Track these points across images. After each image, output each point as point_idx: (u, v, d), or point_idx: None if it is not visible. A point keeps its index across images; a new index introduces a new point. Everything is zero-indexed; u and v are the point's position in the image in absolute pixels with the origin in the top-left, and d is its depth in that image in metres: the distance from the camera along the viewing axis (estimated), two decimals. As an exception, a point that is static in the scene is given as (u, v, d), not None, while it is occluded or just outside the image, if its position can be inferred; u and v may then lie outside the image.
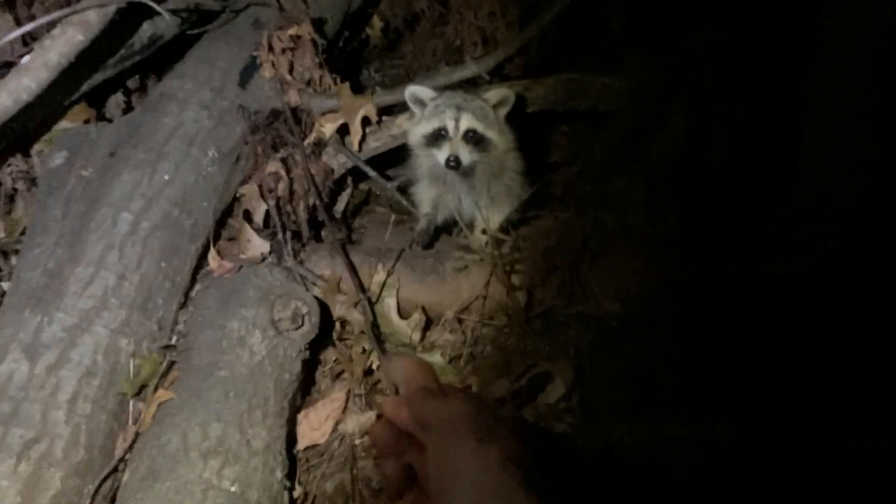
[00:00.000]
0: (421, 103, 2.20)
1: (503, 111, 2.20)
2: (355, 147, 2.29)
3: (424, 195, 2.35)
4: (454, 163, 2.07)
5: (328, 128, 2.23)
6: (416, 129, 2.21)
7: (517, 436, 0.74)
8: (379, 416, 0.92)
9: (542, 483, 0.70)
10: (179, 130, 2.07)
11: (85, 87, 2.13)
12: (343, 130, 2.30)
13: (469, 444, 0.71)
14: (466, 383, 1.94)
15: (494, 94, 2.18)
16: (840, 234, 1.91)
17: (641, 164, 2.35)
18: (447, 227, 2.41)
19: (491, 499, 0.67)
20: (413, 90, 2.19)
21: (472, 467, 0.70)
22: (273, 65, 2.21)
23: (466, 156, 2.09)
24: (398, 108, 2.43)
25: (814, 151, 2.06)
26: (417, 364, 0.84)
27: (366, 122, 2.28)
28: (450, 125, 2.11)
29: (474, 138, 2.11)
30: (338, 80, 2.29)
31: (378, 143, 2.34)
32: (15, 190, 2.24)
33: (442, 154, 2.10)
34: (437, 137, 2.13)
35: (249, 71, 2.23)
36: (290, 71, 2.23)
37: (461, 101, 2.13)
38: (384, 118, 2.34)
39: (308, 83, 2.27)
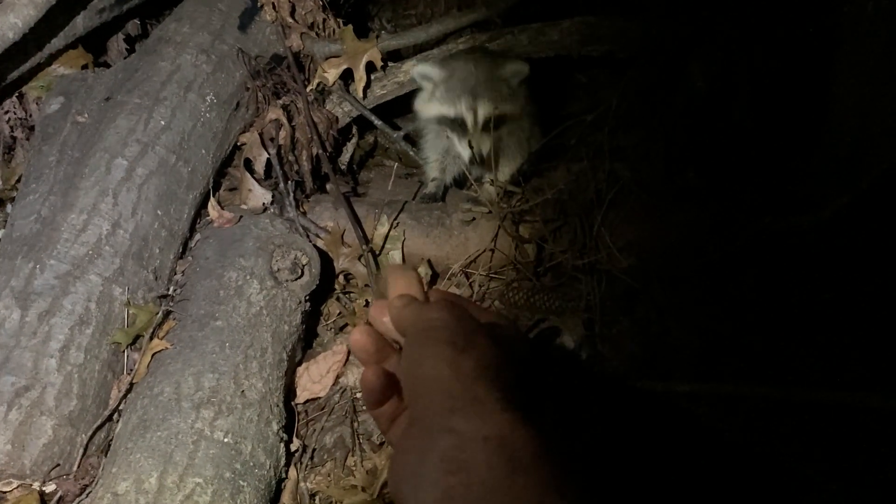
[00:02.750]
0: (431, 80, 2.07)
1: (515, 80, 2.06)
2: (360, 94, 2.20)
3: (432, 153, 2.25)
4: (479, 158, 1.98)
5: (331, 73, 2.14)
6: (426, 108, 2.08)
7: (497, 346, 0.70)
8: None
9: (520, 395, 0.66)
10: (176, 75, 1.99)
11: (81, 29, 2.06)
12: (348, 77, 2.21)
13: (445, 351, 0.68)
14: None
15: (509, 70, 2.04)
16: (867, 184, 1.81)
17: (660, 115, 2.26)
18: (457, 182, 2.33)
19: (462, 407, 0.63)
20: (421, 70, 2.05)
21: (445, 375, 0.66)
22: (274, 7, 2.12)
23: (487, 144, 1.99)
24: (405, 54, 2.35)
25: (843, 99, 1.94)
26: (402, 271, 0.79)
27: (371, 68, 2.19)
28: (468, 117, 1.98)
29: (492, 121, 1.99)
30: (341, 23, 2.20)
31: (384, 90, 2.25)
32: (14, 138, 2.19)
33: (464, 150, 2.00)
34: (454, 125, 2.02)
35: (250, 14, 2.14)
36: (292, 14, 2.14)
37: (474, 85, 1.98)
38: (390, 64, 2.24)
39: (311, 27, 2.18)
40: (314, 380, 1.90)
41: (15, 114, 2.15)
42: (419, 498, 0.62)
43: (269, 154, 2.09)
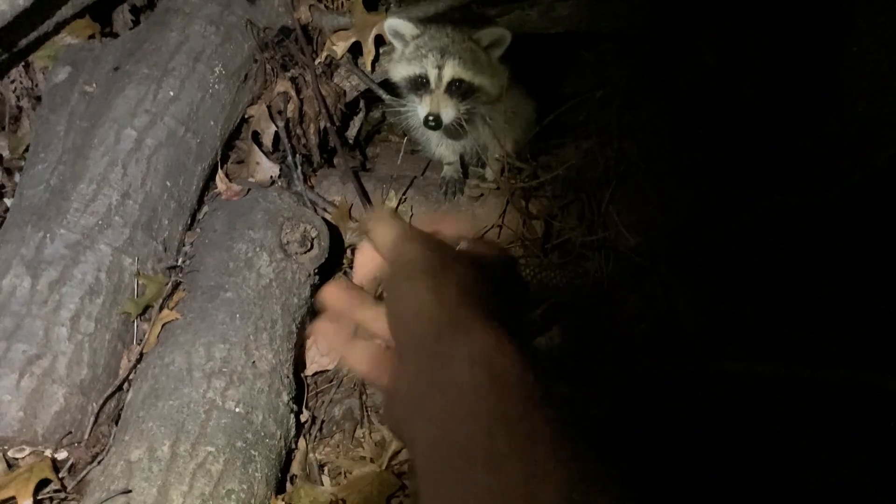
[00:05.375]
0: (402, 38, 1.93)
1: (497, 52, 1.91)
2: (368, 68, 2.18)
3: (433, 139, 2.16)
4: (433, 122, 1.81)
5: (340, 46, 2.12)
6: (395, 70, 1.94)
7: (477, 268, 0.71)
8: None
9: (503, 314, 0.67)
10: (185, 46, 1.98)
11: (87, -2, 2.04)
12: (356, 51, 2.20)
13: (425, 281, 0.68)
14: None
15: (487, 33, 1.89)
16: (880, 164, 1.81)
17: (669, 93, 2.25)
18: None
19: (447, 331, 0.64)
20: (392, 24, 1.91)
21: (427, 302, 0.66)
22: (283, -22, 2.10)
23: (449, 112, 1.82)
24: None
25: (855, 77, 1.94)
26: (383, 221, 0.78)
27: (379, 41, 2.17)
28: (432, 74, 1.82)
29: (460, 88, 1.85)
30: (351, -5, 2.18)
31: (392, 64, 2.23)
32: (20, 108, 2.18)
33: (421, 109, 1.84)
34: (418, 85, 1.86)
35: (259, -15, 2.12)
36: (301, -15, 2.13)
37: (446, 43, 1.84)
38: (399, 38, 2.22)
39: (320, -1, 2.16)
40: (323, 353, 1.90)
41: (21, 83, 2.14)
42: (412, 423, 0.64)
43: (276, 127, 2.08)
